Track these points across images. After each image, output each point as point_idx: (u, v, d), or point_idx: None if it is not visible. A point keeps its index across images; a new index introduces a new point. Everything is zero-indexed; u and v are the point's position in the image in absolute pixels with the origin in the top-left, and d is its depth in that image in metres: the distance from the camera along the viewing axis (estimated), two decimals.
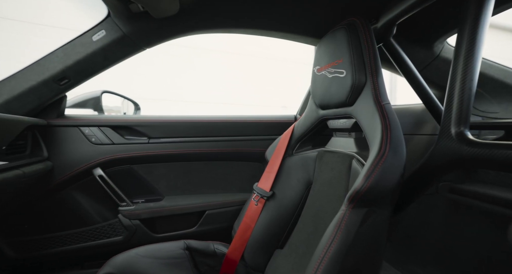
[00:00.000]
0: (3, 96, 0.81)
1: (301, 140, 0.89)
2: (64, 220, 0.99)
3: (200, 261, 0.90)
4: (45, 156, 0.92)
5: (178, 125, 1.09)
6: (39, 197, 0.94)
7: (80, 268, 1.01)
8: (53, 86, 0.86)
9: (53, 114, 0.95)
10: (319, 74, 0.75)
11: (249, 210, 0.89)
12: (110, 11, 0.80)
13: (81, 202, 1.00)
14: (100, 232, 1.01)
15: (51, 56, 0.84)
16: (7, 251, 0.91)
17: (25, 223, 0.95)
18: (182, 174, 1.11)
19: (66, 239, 0.98)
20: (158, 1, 0.70)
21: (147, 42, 0.89)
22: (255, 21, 0.91)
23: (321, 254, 0.47)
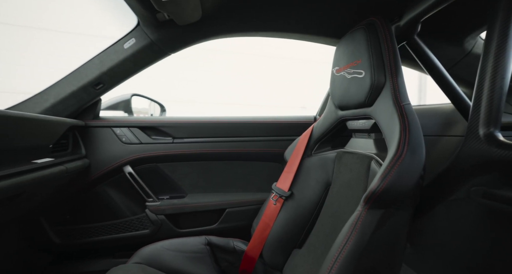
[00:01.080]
0: (49, 100, 0.91)
1: (320, 141, 0.89)
2: (99, 213, 1.08)
3: (220, 256, 0.93)
4: (83, 154, 1.01)
5: (200, 126, 1.14)
6: (78, 191, 1.04)
7: (112, 257, 1.10)
8: (90, 90, 0.95)
9: (89, 116, 1.05)
10: (338, 75, 0.75)
11: (268, 209, 0.90)
12: (139, 20, 0.87)
13: (113, 197, 1.09)
14: (129, 225, 1.09)
15: (89, 64, 0.92)
16: (53, 238, 1.02)
17: (67, 214, 1.05)
18: (204, 173, 1.16)
19: (101, 230, 1.07)
20: (182, 9, 0.74)
21: (172, 48, 0.94)
22: (275, 23, 0.93)
23: (335, 254, 0.47)
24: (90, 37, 3.05)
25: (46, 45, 3.01)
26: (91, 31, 2.96)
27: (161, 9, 0.73)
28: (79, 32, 3.06)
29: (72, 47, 3.03)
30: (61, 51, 2.98)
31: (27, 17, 3.01)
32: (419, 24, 0.74)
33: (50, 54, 3.00)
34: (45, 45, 3.00)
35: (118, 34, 0.92)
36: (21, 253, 0.98)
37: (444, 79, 0.78)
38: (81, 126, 1.01)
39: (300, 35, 0.97)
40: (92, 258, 1.09)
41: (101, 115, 1.10)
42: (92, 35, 2.99)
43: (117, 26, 0.96)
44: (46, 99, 0.92)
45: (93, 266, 1.06)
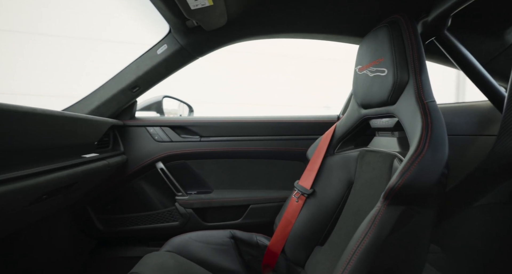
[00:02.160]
0: (95, 103, 1.02)
1: (343, 140, 0.89)
2: (134, 205, 1.18)
3: (244, 250, 0.98)
4: (122, 151, 1.12)
5: (226, 126, 1.20)
6: (117, 184, 1.16)
7: (146, 246, 1.20)
8: (128, 93, 1.05)
9: (127, 116, 1.16)
10: (361, 74, 0.75)
11: (290, 206, 0.93)
12: (170, 28, 0.94)
13: (146, 191, 1.19)
14: (161, 217, 1.18)
15: (127, 69, 1.02)
16: (97, 225, 1.14)
17: (108, 204, 1.17)
18: (229, 170, 1.22)
19: (136, 220, 1.18)
20: (209, 16, 0.80)
21: (200, 52, 1.01)
22: (299, 25, 0.94)
23: (353, 248, 0.48)
24: (130, 44, 3.31)
25: (92, 53, 3.34)
26: (130, 39, 3.22)
27: (190, 16, 0.79)
28: (120, 41, 3.35)
29: (115, 54, 3.31)
30: (105, 58, 3.29)
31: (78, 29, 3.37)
32: (450, 19, 0.71)
33: (97, 61, 3.32)
34: (91, 53, 3.33)
35: (152, 41, 1.01)
36: (73, 237, 1.12)
37: (479, 75, 0.74)
38: (120, 125, 1.12)
39: (323, 35, 0.97)
40: (129, 245, 1.20)
41: (136, 115, 1.20)
42: (131, 42, 3.25)
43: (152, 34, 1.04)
44: (92, 102, 1.03)
45: (130, 252, 1.17)
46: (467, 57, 0.75)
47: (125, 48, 3.18)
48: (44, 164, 0.67)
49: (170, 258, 0.80)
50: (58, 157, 0.75)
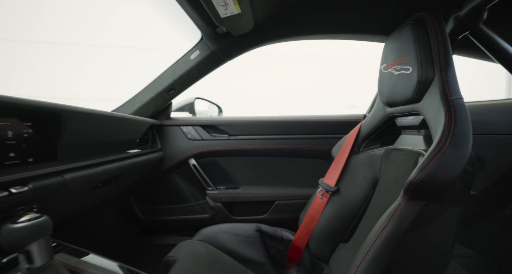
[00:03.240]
0: (136, 104, 1.15)
1: (368, 138, 0.89)
2: (170, 197, 1.30)
3: (269, 244, 1.02)
4: (159, 148, 1.24)
5: (253, 125, 1.26)
6: (155, 178, 1.28)
7: (179, 235, 1.30)
8: (165, 96, 1.16)
9: (163, 116, 1.27)
10: (386, 72, 0.74)
11: (314, 203, 0.95)
12: (202, 35, 1.02)
13: (180, 185, 1.30)
14: (193, 209, 1.28)
15: (164, 74, 1.13)
16: (139, 214, 1.28)
17: (147, 196, 1.30)
18: (255, 167, 1.27)
19: (171, 211, 1.29)
20: (237, 23, 0.86)
21: (229, 56, 1.08)
22: (323, 26, 0.96)
23: (372, 240, 0.50)
24: (166, 50, 3.56)
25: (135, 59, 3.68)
26: (166, 45, 3.49)
27: (220, 24, 0.86)
28: (158, 47, 3.65)
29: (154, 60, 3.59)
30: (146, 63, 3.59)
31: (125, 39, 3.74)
32: (485, 12, 0.68)
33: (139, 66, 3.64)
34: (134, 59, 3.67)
35: (186, 46, 1.11)
36: (119, 224, 1.27)
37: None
38: (158, 125, 1.24)
39: (348, 35, 0.98)
40: (165, 233, 1.32)
41: (172, 116, 1.32)
42: (168, 49, 3.49)
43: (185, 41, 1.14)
44: (134, 104, 1.16)
45: (166, 240, 1.29)
46: (506, 50, 0.71)
47: (163, 54, 3.42)
48: (99, 157, 0.79)
49: (201, 246, 0.88)
50: (109, 151, 0.87)
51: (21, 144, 0.56)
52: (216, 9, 0.76)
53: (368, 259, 0.49)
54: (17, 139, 0.55)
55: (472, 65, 1.06)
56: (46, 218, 0.41)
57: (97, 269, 0.47)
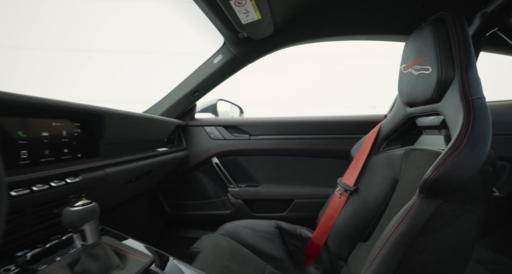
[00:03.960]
0: (164, 106, 1.24)
1: (388, 138, 0.89)
2: (194, 193, 1.38)
3: (288, 240, 1.05)
4: (184, 146, 1.32)
5: (273, 125, 1.30)
6: (180, 175, 1.37)
7: (203, 229, 1.38)
8: (190, 98, 1.24)
9: (188, 117, 1.35)
10: (406, 72, 0.75)
11: (333, 202, 0.96)
12: (225, 40, 1.08)
13: (204, 182, 1.37)
14: (215, 205, 1.34)
15: (190, 77, 1.21)
16: (166, 208, 1.37)
17: (174, 191, 1.39)
18: (275, 166, 1.31)
19: (195, 206, 1.37)
20: (258, 28, 0.90)
21: (250, 59, 1.13)
22: (342, 28, 0.98)
23: (386, 236, 0.51)
24: (192, 55, 3.75)
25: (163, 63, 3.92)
26: (192, 50, 3.69)
27: (241, 30, 0.91)
28: (184, 52, 3.85)
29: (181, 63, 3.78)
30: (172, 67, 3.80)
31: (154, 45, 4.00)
32: None
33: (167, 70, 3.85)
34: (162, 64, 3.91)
35: (210, 50, 1.17)
36: (149, 217, 1.37)
37: None
38: (183, 125, 1.32)
39: (368, 35, 0.98)
40: (190, 227, 1.40)
41: (196, 116, 1.40)
42: (193, 53, 3.68)
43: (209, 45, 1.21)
44: (162, 105, 1.25)
45: (190, 233, 1.37)
46: None
47: (188, 58, 3.60)
48: (133, 154, 0.87)
49: (223, 240, 0.93)
50: (141, 149, 0.96)
51: (72, 141, 0.65)
52: (238, 17, 0.81)
53: (382, 254, 0.50)
54: (69, 137, 0.64)
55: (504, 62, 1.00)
56: (95, 204, 0.48)
57: (135, 251, 0.53)
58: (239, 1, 0.72)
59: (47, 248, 0.52)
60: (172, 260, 0.60)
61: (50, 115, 0.60)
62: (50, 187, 0.53)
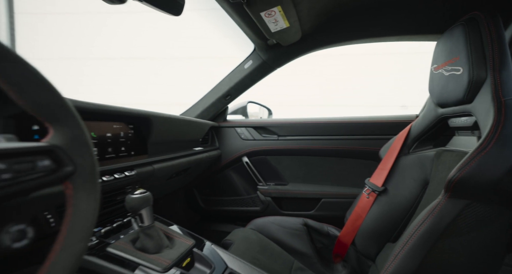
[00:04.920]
0: (199, 108, 1.35)
1: (419, 139, 0.88)
2: (226, 190, 1.47)
3: (315, 238, 1.08)
4: (217, 146, 1.42)
5: (300, 126, 1.34)
6: (213, 173, 1.47)
7: (233, 224, 1.47)
8: (222, 101, 1.33)
9: (221, 119, 1.45)
10: (436, 73, 0.74)
11: (361, 202, 0.98)
12: (255, 47, 1.15)
13: (235, 180, 1.46)
14: (245, 202, 1.42)
15: (223, 81, 1.30)
16: (200, 203, 1.49)
17: (207, 188, 1.50)
18: (303, 166, 1.35)
19: (227, 202, 1.46)
20: (286, 35, 0.96)
21: (278, 64, 1.19)
22: (371, 31, 0.98)
23: (410, 232, 0.53)
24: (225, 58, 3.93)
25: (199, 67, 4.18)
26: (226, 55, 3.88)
27: (271, 37, 0.97)
28: (219, 56, 4.07)
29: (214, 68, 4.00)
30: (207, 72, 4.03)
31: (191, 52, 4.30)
32: None
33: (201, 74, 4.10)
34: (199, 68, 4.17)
35: (240, 54, 1.26)
36: (185, 211, 1.50)
37: None
38: (216, 126, 1.42)
39: (398, 36, 0.98)
40: (221, 222, 1.50)
41: (227, 118, 1.49)
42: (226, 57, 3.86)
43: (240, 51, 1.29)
44: (198, 108, 1.36)
45: (222, 227, 1.47)
46: None
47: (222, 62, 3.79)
48: (174, 152, 0.98)
49: (253, 234, 1.00)
50: (180, 148, 1.07)
51: (127, 141, 0.77)
52: (268, 26, 0.87)
53: (405, 250, 0.53)
54: (125, 137, 0.76)
55: None
56: (150, 193, 0.58)
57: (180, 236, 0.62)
58: (269, 12, 0.79)
59: (114, 227, 0.63)
60: (210, 245, 0.68)
61: (111, 119, 0.73)
62: (115, 178, 0.64)
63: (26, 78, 0.29)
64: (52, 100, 0.31)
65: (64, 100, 0.33)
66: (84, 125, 0.35)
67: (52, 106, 0.31)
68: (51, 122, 0.32)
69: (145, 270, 0.51)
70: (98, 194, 0.35)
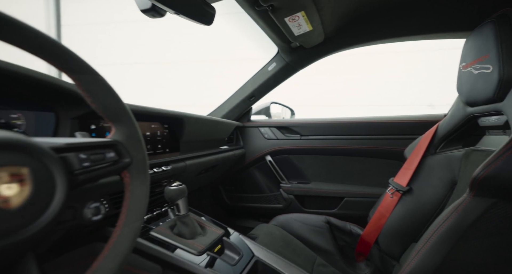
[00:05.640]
0: (225, 109, 1.42)
1: (447, 139, 0.86)
2: (249, 187, 1.53)
3: (338, 236, 1.10)
4: (242, 145, 1.48)
5: (323, 126, 1.35)
6: (238, 171, 1.54)
7: (257, 220, 1.52)
8: (247, 102, 1.39)
9: (245, 119, 1.51)
10: (465, 71, 0.73)
11: (384, 201, 0.98)
12: (278, 49, 1.19)
13: (258, 178, 1.51)
14: (268, 199, 1.47)
15: (247, 83, 1.36)
16: (226, 200, 1.57)
17: (232, 185, 1.57)
18: (325, 165, 1.37)
19: (250, 199, 1.52)
20: (309, 38, 0.99)
21: (301, 65, 1.22)
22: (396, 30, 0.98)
23: (434, 228, 0.54)
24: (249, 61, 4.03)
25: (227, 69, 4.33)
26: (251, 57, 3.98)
27: (294, 40, 1.01)
28: (244, 58, 4.19)
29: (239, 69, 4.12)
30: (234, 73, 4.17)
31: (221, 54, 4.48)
32: None
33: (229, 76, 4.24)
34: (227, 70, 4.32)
35: (265, 55, 1.30)
36: (212, 207, 1.59)
37: None
38: (241, 126, 1.49)
39: (424, 35, 0.96)
40: (246, 218, 1.56)
41: (251, 118, 1.55)
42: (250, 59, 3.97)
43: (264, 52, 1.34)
44: (223, 109, 1.43)
45: (246, 223, 1.53)
46: None
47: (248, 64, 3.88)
48: (203, 150, 1.06)
49: (276, 229, 1.04)
50: (208, 147, 1.14)
51: (163, 139, 0.85)
52: (291, 30, 0.91)
53: (428, 246, 0.54)
54: (161, 136, 0.85)
55: None
56: (185, 186, 0.65)
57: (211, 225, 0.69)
58: (293, 17, 0.82)
59: (154, 215, 0.71)
60: (238, 235, 0.74)
61: (150, 120, 0.81)
62: (154, 172, 0.72)
63: (98, 86, 0.37)
64: (115, 104, 0.39)
65: (123, 104, 0.40)
66: (137, 125, 0.42)
67: (115, 109, 0.39)
68: (114, 122, 0.39)
69: (182, 252, 0.58)
70: (149, 182, 0.42)
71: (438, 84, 3.42)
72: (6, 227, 0.23)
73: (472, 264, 0.51)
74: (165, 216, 0.73)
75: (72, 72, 0.34)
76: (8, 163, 0.24)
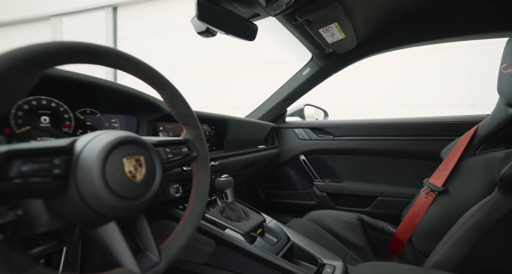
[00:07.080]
0: (261, 112, 1.54)
1: (487, 140, 0.86)
2: (284, 184, 1.62)
3: (370, 233, 1.13)
4: (277, 145, 1.59)
5: (355, 127, 1.39)
6: (273, 169, 1.64)
7: (291, 216, 1.61)
8: (282, 104, 1.49)
9: (280, 120, 1.61)
10: (506, 72, 0.73)
11: (418, 201, 0.99)
12: (312, 55, 1.27)
13: (292, 176, 1.60)
14: (302, 196, 1.55)
15: (283, 87, 1.46)
16: (262, 195, 1.69)
17: (268, 182, 1.68)
18: (358, 165, 1.40)
19: (285, 195, 1.61)
20: (342, 44, 1.05)
21: (334, 70, 1.28)
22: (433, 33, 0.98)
23: (461, 222, 0.57)
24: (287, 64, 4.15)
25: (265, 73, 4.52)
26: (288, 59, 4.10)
27: (327, 47, 1.08)
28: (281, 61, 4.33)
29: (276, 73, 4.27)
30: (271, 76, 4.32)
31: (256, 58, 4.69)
32: None
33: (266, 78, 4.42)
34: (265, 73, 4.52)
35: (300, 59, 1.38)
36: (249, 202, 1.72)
37: None
38: (276, 127, 1.59)
39: (463, 37, 0.95)
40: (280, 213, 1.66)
41: (286, 120, 1.64)
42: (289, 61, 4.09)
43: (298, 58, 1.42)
44: (260, 111, 1.55)
45: (280, 217, 1.62)
46: None
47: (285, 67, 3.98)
48: (243, 149, 1.19)
49: (309, 224, 1.12)
50: (247, 146, 1.27)
51: (210, 139, 1.00)
52: (325, 39, 0.99)
53: (454, 239, 0.58)
54: (209, 136, 0.99)
55: None
56: (231, 178, 0.77)
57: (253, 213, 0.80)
58: (327, 28, 0.90)
59: None
60: (276, 222, 0.85)
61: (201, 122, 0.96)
62: None
63: (176, 99, 0.50)
64: (187, 112, 0.52)
65: (192, 112, 0.53)
66: (201, 127, 0.55)
67: (187, 116, 0.52)
68: (186, 125, 0.53)
69: (231, 231, 0.71)
70: (209, 171, 0.54)
71: (483, 83, 3.11)
72: (136, 193, 0.37)
73: (496, 259, 0.53)
74: (214, 203, 0.87)
75: (160, 89, 0.48)
76: (134, 153, 0.38)
